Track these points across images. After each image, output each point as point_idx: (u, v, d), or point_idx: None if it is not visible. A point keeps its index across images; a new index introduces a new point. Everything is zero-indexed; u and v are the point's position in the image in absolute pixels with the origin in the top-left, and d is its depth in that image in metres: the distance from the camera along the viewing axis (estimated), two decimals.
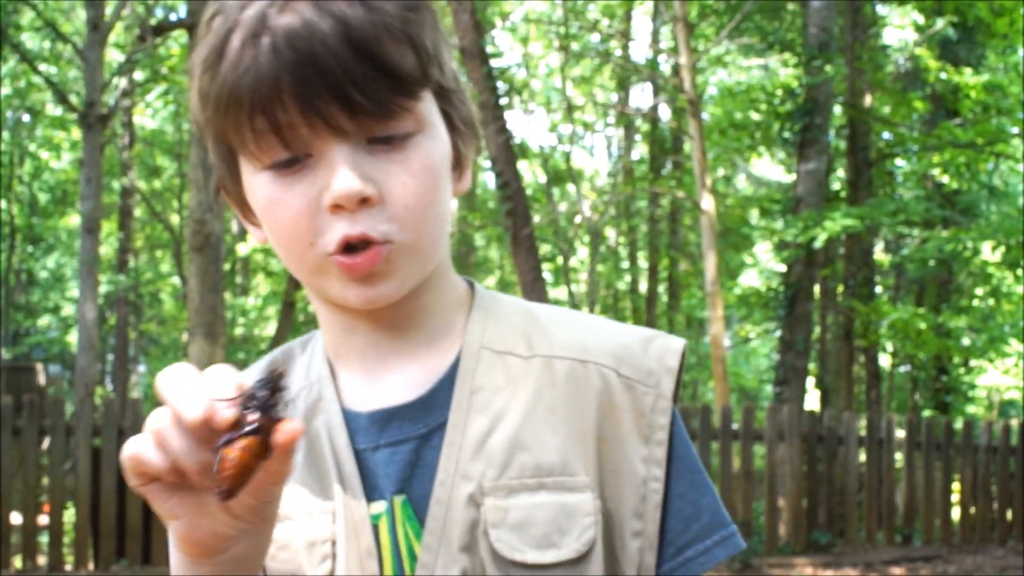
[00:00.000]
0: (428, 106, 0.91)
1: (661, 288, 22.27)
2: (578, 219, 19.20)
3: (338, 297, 0.93)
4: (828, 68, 11.60)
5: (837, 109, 14.08)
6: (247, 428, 0.70)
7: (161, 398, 0.74)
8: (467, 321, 0.99)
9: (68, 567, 8.01)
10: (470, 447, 0.92)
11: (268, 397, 0.72)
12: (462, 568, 0.89)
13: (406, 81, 0.86)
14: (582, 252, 21.80)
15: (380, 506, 0.94)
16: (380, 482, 0.95)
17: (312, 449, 0.98)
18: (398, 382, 0.98)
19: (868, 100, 14.93)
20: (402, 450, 0.95)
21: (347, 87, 0.84)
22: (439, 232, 0.93)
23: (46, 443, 8.45)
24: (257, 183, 0.91)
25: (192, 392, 0.72)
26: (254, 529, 0.79)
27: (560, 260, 19.28)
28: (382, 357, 0.98)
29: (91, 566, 8.01)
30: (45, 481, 8.28)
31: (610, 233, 22.08)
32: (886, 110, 15.57)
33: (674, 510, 0.95)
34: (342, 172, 0.86)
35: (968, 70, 13.87)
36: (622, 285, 23.69)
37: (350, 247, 0.88)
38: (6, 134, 24.41)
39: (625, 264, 23.32)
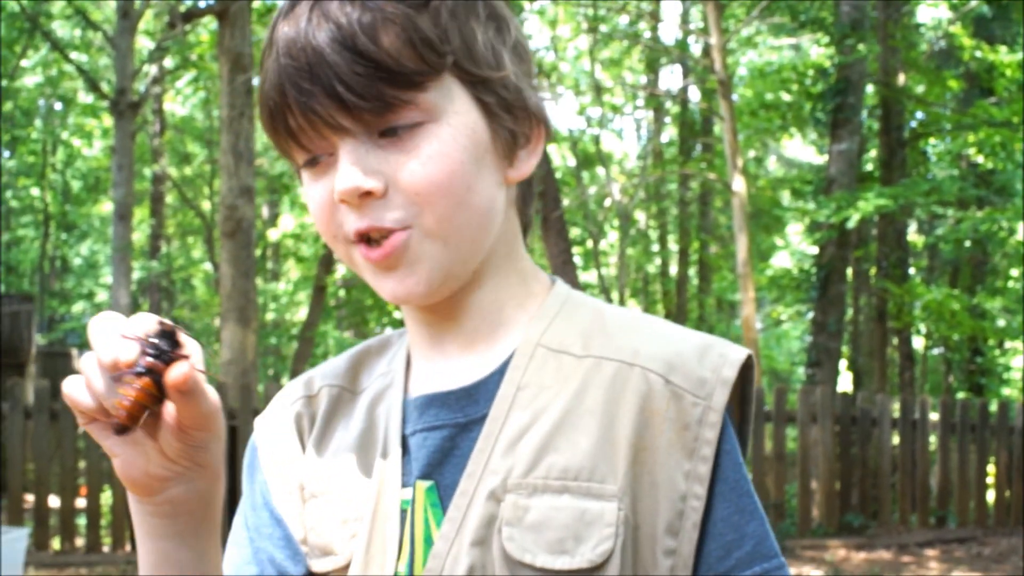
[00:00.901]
0: (442, 94, 0.90)
1: (691, 271, 22.20)
2: (608, 202, 19.15)
3: (374, 289, 0.95)
4: (861, 47, 11.49)
5: (869, 88, 13.95)
6: (140, 368, 0.76)
7: (89, 341, 0.80)
8: (533, 317, 0.98)
9: (105, 549, 8.10)
10: (505, 442, 0.91)
11: (165, 344, 0.77)
12: (470, 562, 0.88)
13: (400, 74, 0.87)
14: (612, 235, 21.76)
15: (411, 492, 0.94)
16: (413, 467, 0.95)
17: (368, 434, 0.99)
18: (450, 371, 0.98)
19: (901, 79, 14.78)
20: (434, 436, 0.95)
21: (337, 87, 0.86)
22: (468, 220, 0.92)
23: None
24: (304, 180, 0.96)
25: (108, 335, 0.78)
26: (189, 474, 0.84)
27: (590, 243, 19.26)
28: (443, 346, 0.99)
29: (128, 548, 8.09)
30: (82, 464, 8.37)
31: (640, 216, 22.02)
32: (919, 89, 15.41)
33: (715, 534, 0.90)
34: (342, 168, 0.89)
35: (1003, 48, 13.71)
36: (652, 268, 23.64)
37: (369, 240, 0.91)
38: (39, 122, 24.62)
39: (655, 247, 23.27)
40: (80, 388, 0.80)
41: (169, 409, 0.80)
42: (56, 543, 8.12)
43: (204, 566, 0.91)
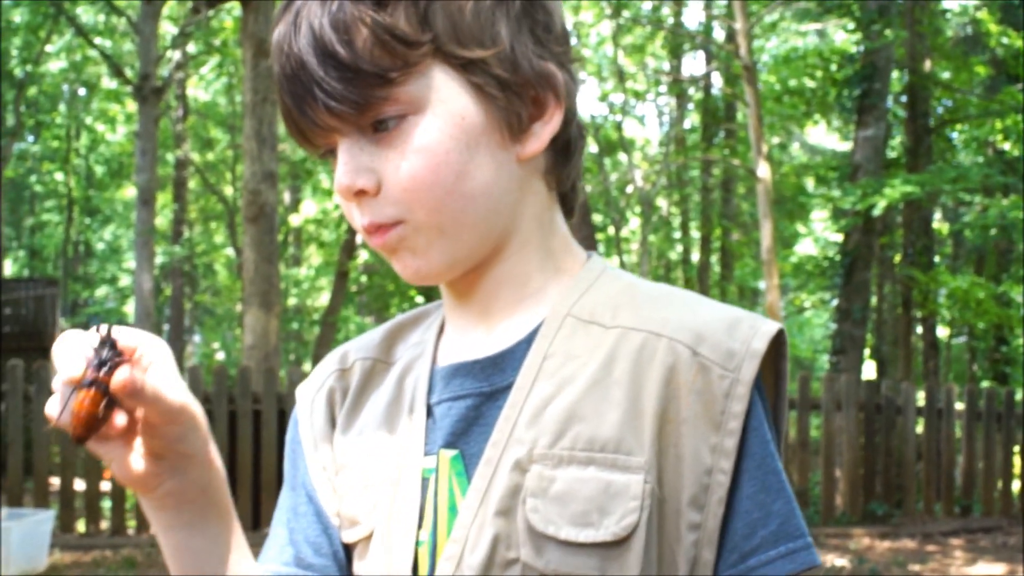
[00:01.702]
0: (422, 84, 0.89)
1: (713, 258, 22.14)
2: (630, 189, 19.12)
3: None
4: (888, 32, 11.40)
5: (894, 74, 13.85)
6: (85, 382, 0.81)
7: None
8: (564, 289, 0.97)
9: (130, 531, 8.15)
10: (530, 412, 0.90)
11: (107, 353, 0.82)
12: (494, 533, 0.87)
13: (372, 74, 0.87)
14: (634, 222, 21.71)
15: (435, 460, 0.94)
16: (437, 436, 0.95)
17: (396, 404, 0.99)
18: (478, 340, 0.97)
19: (927, 65, 14.66)
20: (458, 405, 0.94)
21: (315, 91, 0.88)
22: (464, 208, 0.91)
23: None
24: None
25: (67, 354, 0.83)
26: (180, 465, 0.87)
27: (612, 230, 19.24)
28: (469, 318, 0.99)
29: (152, 530, 8.14)
30: None
31: (662, 203, 21.96)
32: (945, 76, 15.28)
33: (741, 511, 0.87)
34: (338, 168, 0.91)
35: None
36: (674, 255, 23.59)
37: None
38: (63, 107, 24.74)
39: (677, 234, 23.21)
40: (55, 406, 0.84)
41: (138, 412, 0.84)
42: (81, 525, 8.18)
43: (219, 549, 0.92)
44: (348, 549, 0.99)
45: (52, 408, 0.84)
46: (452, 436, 0.93)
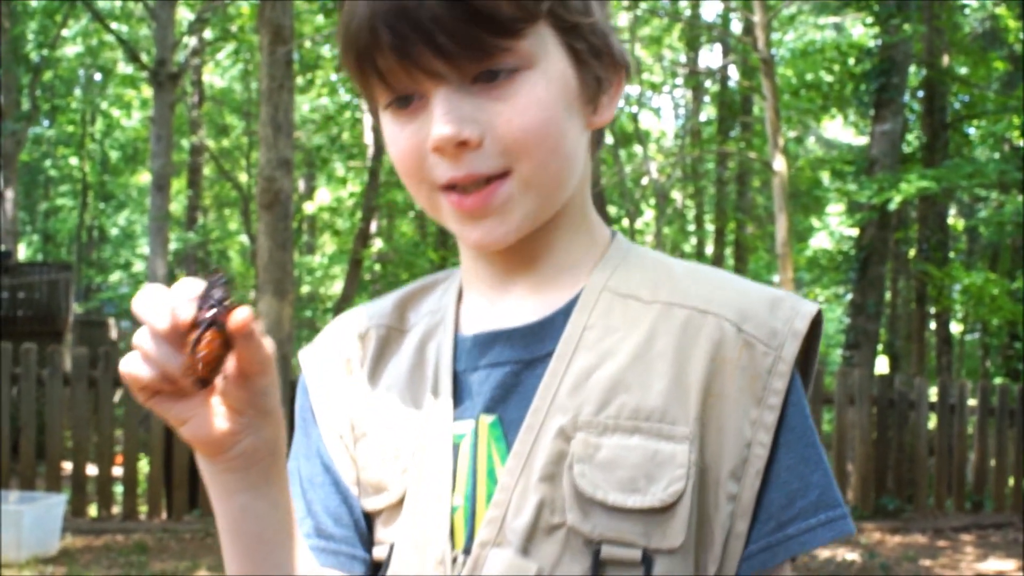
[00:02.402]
0: (536, 42, 0.90)
1: (727, 251, 22.10)
2: (644, 181, 19.09)
3: (456, 234, 0.96)
4: (906, 27, 11.34)
5: (911, 69, 13.79)
6: (205, 321, 0.79)
7: (137, 318, 0.81)
8: (597, 263, 0.99)
9: (142, 516, 8.18)
10: (571, 380, 0.91)
11: (221, 294, 0.81)
12: (540, 498, 0.88)
13: (499, 21, 0.86)
14: (648, 214, 21.67)
15: (466, 426, 0.95)
16: (473, 402, 0.95)
17: (418, 370, 1.00)
18: (513, 309, 0.98)
19: (945, 60, 14.59)
20: (497, 372, 0.95)
21: (435, 33, 0.86)
22: (560, 168, 0.92)
23: (119, 395, 8.62)
24: (383, 120, 0.96)
25: (158, 305, 0.80)
26: (257, 423, 0.85)
27: (626, 222, 19.20)
28: (505, 287, 1.00)
29: (164, 516, 8.17)
30: (119, 432, 8.45)
31: (677, 195, 21.91)
32: (963, 71, 15.20)
33: (780, 483, 0.90)
34: (438, 117, 0.88)
35: None
36: (688, 247, 23.55)
37: (457, 186, 0.91)
38: (78, 92, 24.79)
39: (691, 227, 23.16)
40: (138, 363, 0.80)
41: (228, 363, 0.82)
42: (93, 510, 8.21)
43: (279, 513, 0.92)
44: (369, 517, 1.00)
45: (136, 366, 0.81)
46: (491, 402, 0.94)
